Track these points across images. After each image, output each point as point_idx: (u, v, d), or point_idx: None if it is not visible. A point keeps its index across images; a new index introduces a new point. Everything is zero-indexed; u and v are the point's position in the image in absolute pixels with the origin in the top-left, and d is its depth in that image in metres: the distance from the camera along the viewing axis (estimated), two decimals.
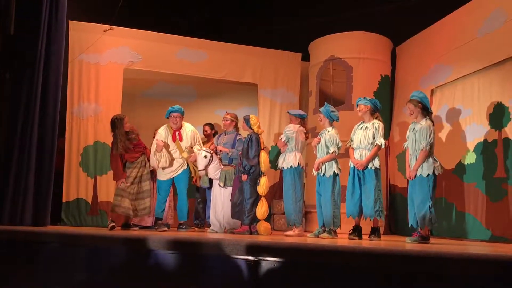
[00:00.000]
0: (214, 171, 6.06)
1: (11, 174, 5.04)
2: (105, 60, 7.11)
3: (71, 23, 6.79)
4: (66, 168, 6.76)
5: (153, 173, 6.10)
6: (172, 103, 6.23)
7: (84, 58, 6.99)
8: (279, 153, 6.04)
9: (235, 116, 6.42)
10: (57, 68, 5.40)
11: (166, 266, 3.62)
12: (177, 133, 6.02)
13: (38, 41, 5.21)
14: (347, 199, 5.40)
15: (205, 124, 7.32)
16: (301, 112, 6.02)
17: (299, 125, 5.81)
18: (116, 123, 5.79)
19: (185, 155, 5.97)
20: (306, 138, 5.90)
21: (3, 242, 4.21)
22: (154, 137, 6.26)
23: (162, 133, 6.00)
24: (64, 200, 6.70)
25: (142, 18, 7.95)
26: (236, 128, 6.40)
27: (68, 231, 4.67)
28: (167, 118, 6.05)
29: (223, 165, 6.12)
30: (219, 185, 6.03)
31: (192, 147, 6.06)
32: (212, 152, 6.10)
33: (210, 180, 6.27)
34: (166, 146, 5.93)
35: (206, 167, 6.00)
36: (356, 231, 5.29)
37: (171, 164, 5.94)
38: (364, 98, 5.53)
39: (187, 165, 6.04)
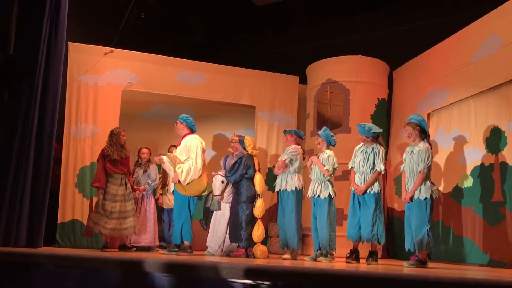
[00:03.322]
0: (228, 195, 6.01)
1: (6, 195, 5.00)
2: (103, 81, 7.15)
3: (71, 44, 6.84)
4: (62, 189, 6.72)
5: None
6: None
7: (83, 79, 7.02)
8: (275, 175, 6.00)
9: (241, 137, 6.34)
10: (55, 89, 5.40)
11: None
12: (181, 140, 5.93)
13: (37, 62, 5.23)
14: (348, 222, 5.37)
15: (145, 147, 7.11)
16: (299, 131, 6.05)
17: (299, 146, 5.84)
18: (113, 133, 6.07)
19: (165, 158, 5.78)
20: (304, 158, 5.91)
21: None
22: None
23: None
24: (59, 221, 6.64)
25: (141, 40, 8.02)
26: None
27: (62, 253, 4.62)
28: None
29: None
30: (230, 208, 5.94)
31: (176, 158, 5.75)
32: (224, 175, 6.03)
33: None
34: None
35: (222, 192, 5.95)
36: (354, 254, 5.25)
37: None
38: (365, 129, 5.35)
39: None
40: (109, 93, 7.15)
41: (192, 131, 5.96)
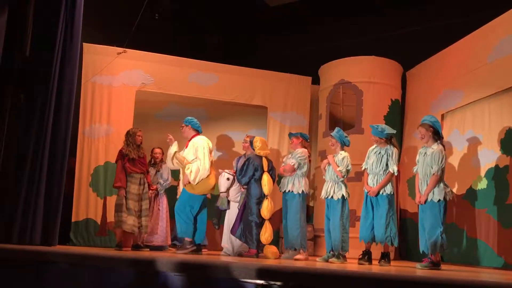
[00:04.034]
0: (235, 193, 6.05)
1: (22, 193, 5.07)
2: (117, 82, 7.21)
3: (85, 45, 6.92)
4: (76, 188, 6.80)
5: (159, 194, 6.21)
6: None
7: (97, 79, 7.10)
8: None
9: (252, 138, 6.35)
10: (70, 90, 5.47)
11: None
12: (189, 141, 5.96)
13: (53, 62, 5.29)
14: (361, 223, 5.35)
15: (158, 147, 7.07)
16: (304, 134, 6.05)
17: (306, 149, 5.86)
18: (129, 134, 6.15)
19: (168, 158, 5.89)
20: (309, 161, 5.95)
21: (12, 261, 4.22)
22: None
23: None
24: (73, 220, 6.72)
25: (155, 41, 8.07)
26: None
27: (76, 251, 4.67)
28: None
29: (243, 188, 6.11)
30: (238, 208, 6.00)
31: (184, 159, 5.82)
32: (234, 174, 6.10)
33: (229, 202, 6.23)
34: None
35: (228, 189, 6.00)
36: (366, 255, 5.23)
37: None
38: (378, 130, 5.31)
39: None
40: (123, 94, 7.22)
41: (198, 132, 6.01)
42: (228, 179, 6.05)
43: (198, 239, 5.77)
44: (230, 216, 6.09)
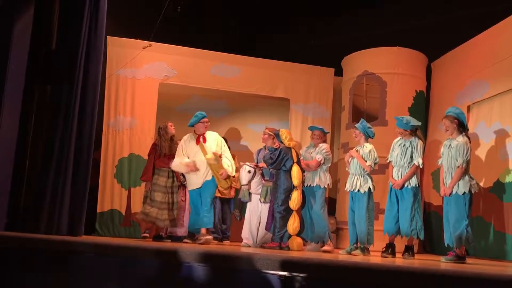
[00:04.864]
0: (256, 185, 6.09)
1: (49, 184, 5.17)
2: (141, 74, 7.28)
3: (110, 38, 6.99)
4: (101, 179, 6.91)
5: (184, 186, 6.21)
6: None
7: (121, 72, 7.18)
8: None
9: (272, 130, 6.28)
10: (95, 82, 5.54)
11: (197, 279, 3.63)
12: (201, 137, 5.98)
13: (78, 56, 5.36)
14: (385, 216, 5.31)
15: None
16: (323, 128, 6.03)
17: (327, 143, 5.89)
18: (161, 127, 6.25)
19: (209, 156, 5.86)
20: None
21: (39, 251, 4.31)
22: None
23: (187, 139, 6.03)
24: (98, 210, 6.83)
25: (177, 34, 8.10)
26: (276, 142, 6.30)
27: (101, 241, 4.75)
28: (194, 125, 6.02)
29: (265, 180, 6.13)
30: (260, 200, 6.03)
31: (220, 156, 5.92)
32: (255, 167, 6.12)
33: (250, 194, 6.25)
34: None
35: (249, 181, 6.03)
36: (390, 248, 5.19)
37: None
38: (403, 122, 5.26)
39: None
40: (146, 86, 7.28)
41: None
42: (249, 171, 6.08)
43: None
44: (252, 208, 6.12)
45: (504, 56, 5.87)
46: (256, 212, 6.06)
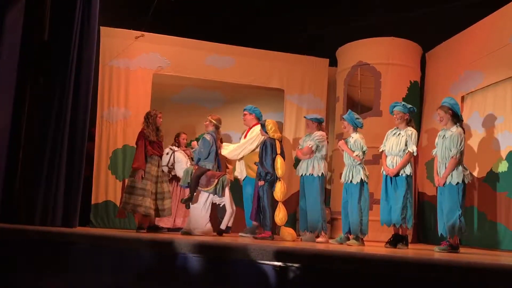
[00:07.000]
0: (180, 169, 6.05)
1: (43, 176, 5.16)
2: (135, 65, 7.23)
3: (103, 29, 6.93)
4: (95, 171, 6.88)
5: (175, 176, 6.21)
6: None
7: (114, 63, 7.12)
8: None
9: (215, 118, 6.17)
10: (88, 73, 5.51)
11: (192, 270, 3.64)
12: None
13: (71, 46, 5.33)
14: (381, 207, 5.32)
15: (183, 132, 7.14)
16: (319, 117, 6.00)
17: (323, 132, 5.82)
18: (150, 115, 6.08)
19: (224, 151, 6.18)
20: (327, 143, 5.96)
21: (33, 242, 4.31)
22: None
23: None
24: (93, 202, 6.82)
25: (172, 24, 8.05)
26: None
27: (96, 233, 4.75)
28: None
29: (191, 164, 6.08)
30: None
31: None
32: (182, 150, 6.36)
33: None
34: None
35: (168, 164, 6.07)
36: (395, 240, 5.20)
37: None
38: (403, 105, 5.32)
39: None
40: (140, 77, 7.24)
41: (259, 121, 6.23)
42: (167, 153, 6.11)
43: None
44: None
45: (498, 46, 5.88)
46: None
